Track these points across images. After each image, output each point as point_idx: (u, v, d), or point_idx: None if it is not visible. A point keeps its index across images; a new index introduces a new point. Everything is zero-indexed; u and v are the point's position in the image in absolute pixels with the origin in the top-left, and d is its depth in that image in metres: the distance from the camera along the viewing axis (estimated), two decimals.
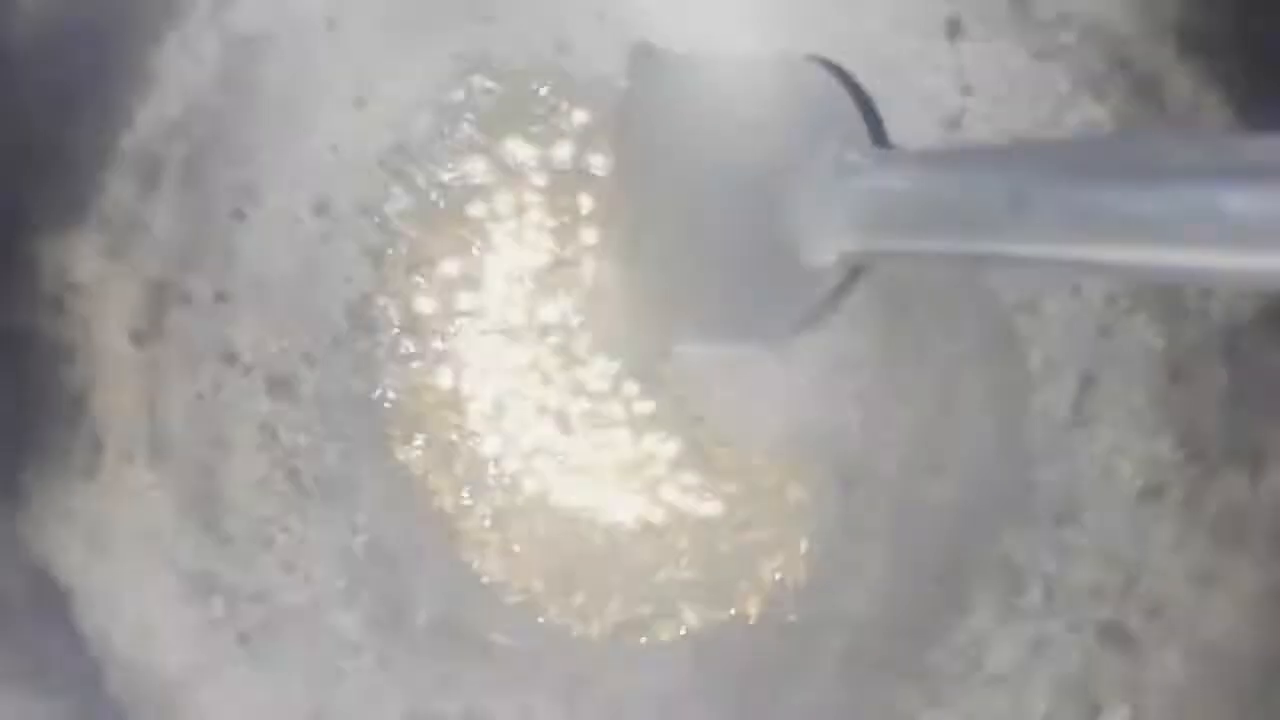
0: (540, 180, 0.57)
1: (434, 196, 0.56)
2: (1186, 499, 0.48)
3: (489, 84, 0.56)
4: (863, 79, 0.55)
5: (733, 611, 0.54)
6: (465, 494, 0.54)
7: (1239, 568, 0.46)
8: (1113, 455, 0.51)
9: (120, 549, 0.45)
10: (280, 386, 0.52)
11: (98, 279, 0.49)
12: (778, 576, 0.54)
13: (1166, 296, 0.51)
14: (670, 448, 0.55)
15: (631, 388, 0.56)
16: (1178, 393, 0.50)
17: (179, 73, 0.53)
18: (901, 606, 0.53)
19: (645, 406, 0.55)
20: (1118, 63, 0.54)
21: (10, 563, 0.41)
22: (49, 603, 0.42)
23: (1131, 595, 0.49)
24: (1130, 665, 0.49)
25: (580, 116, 0.56)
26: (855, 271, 0.46)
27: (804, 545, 0.54)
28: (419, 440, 0.54)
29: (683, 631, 0.54)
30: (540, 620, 0.53)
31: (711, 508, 0.54)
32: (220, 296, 0.53)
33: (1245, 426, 0.48)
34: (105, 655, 0.42)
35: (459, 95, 0.56)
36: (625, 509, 0.55)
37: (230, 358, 0.52)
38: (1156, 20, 0.53)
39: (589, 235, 0.56)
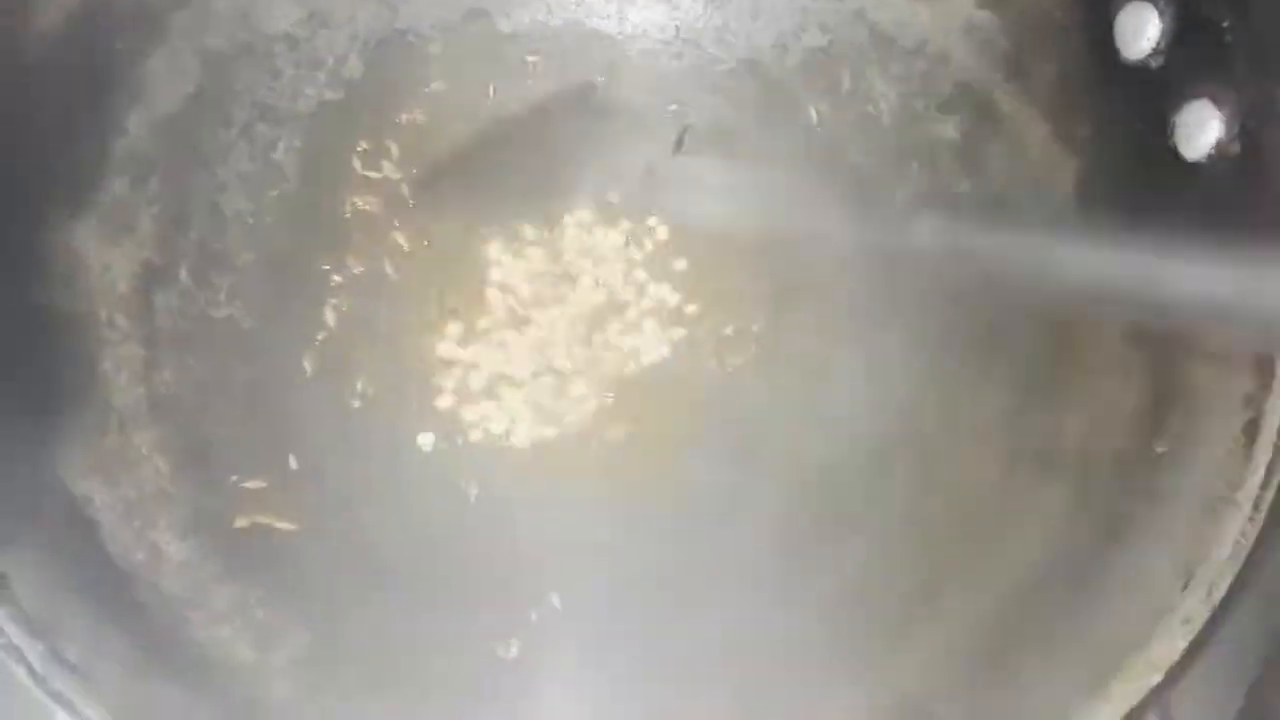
0: None
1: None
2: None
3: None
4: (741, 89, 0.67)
5: None
6: None
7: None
8: None
9: (132, 490, 0.53)
10: (261, 354, 0.60)
11: (99, 262, 0.57)
12: None
13: None
14: None
15: None
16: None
17: (164, 86, 0.60)
18: None
19: None
20: (961, 87, 0.66)
21: (52, 497, 0.49)
22: (84, 529, 0.49)
23: None
24: None
25: None
26: None
27: None
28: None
29: None
30: None
31: None
32: (200, 278, 0.61)
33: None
34: (129, 572, 0.49)
35: None
36: None
37: (213, 329, 0.60)
38: (990, 52, 0.65)
39: None
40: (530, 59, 0.69)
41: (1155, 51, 0.55)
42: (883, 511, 0.61)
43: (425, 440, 0.62)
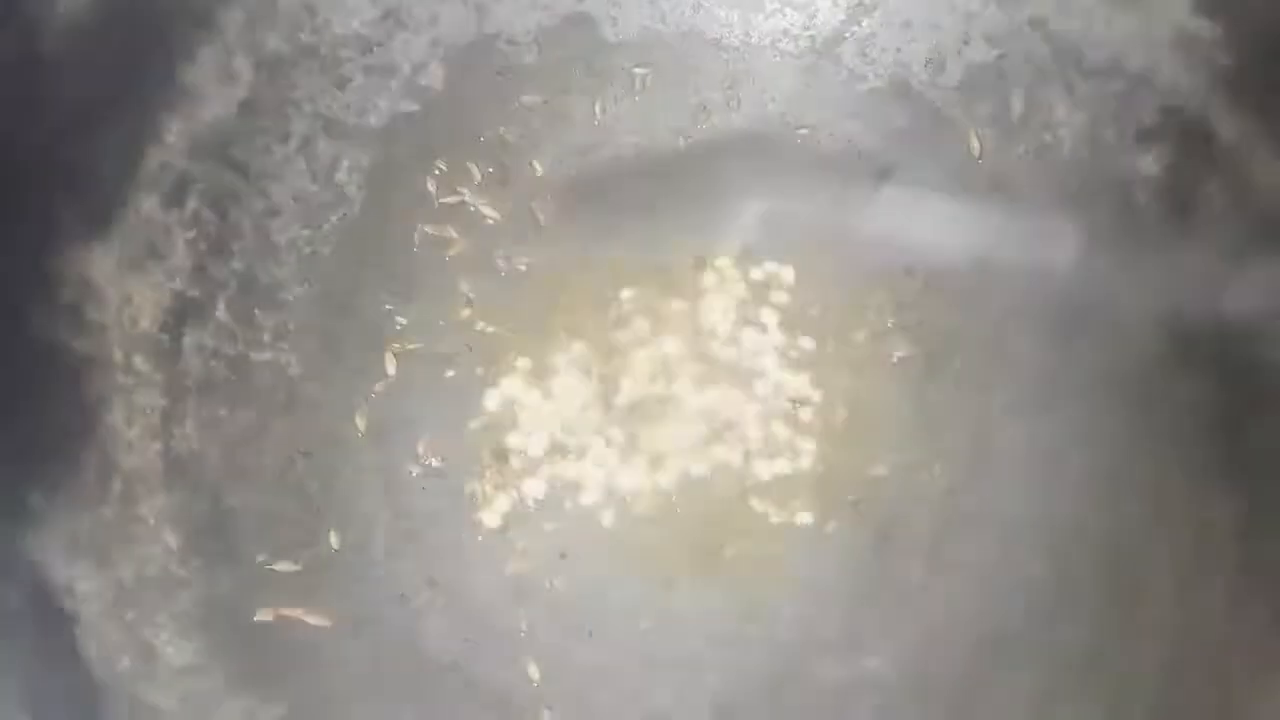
0: None
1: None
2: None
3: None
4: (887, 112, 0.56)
5: None
6: None
7: None
8: None
9: (128, 572, 0.44)
10: (307, 406, 0.51)
11: (118, 293, 0.48)
12: None
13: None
14: None
15: None
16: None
17: (210, 90, 0.52)
18: None
19: None
20: (1168, 112, 0.54)
21: (15, 585, 0.40)
22: (53, 626, 0.40)
23: None
24: None
25: None
26: None
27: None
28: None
29: None
30: None
31: None
32: (241, 315, 0.52)
33: None
34: (106, 683, 0.40)
35: None
36: None
37: (251, 375, 0.51)
38: (1207, 71, 0.52)
39: None
40: (638, 71, 0.60)
41: None
42: (1063, 641, 0.48)
43: (493, 517, 0.52)
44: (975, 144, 0.58)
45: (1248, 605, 0.45)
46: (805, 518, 0.53)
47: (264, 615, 0.47)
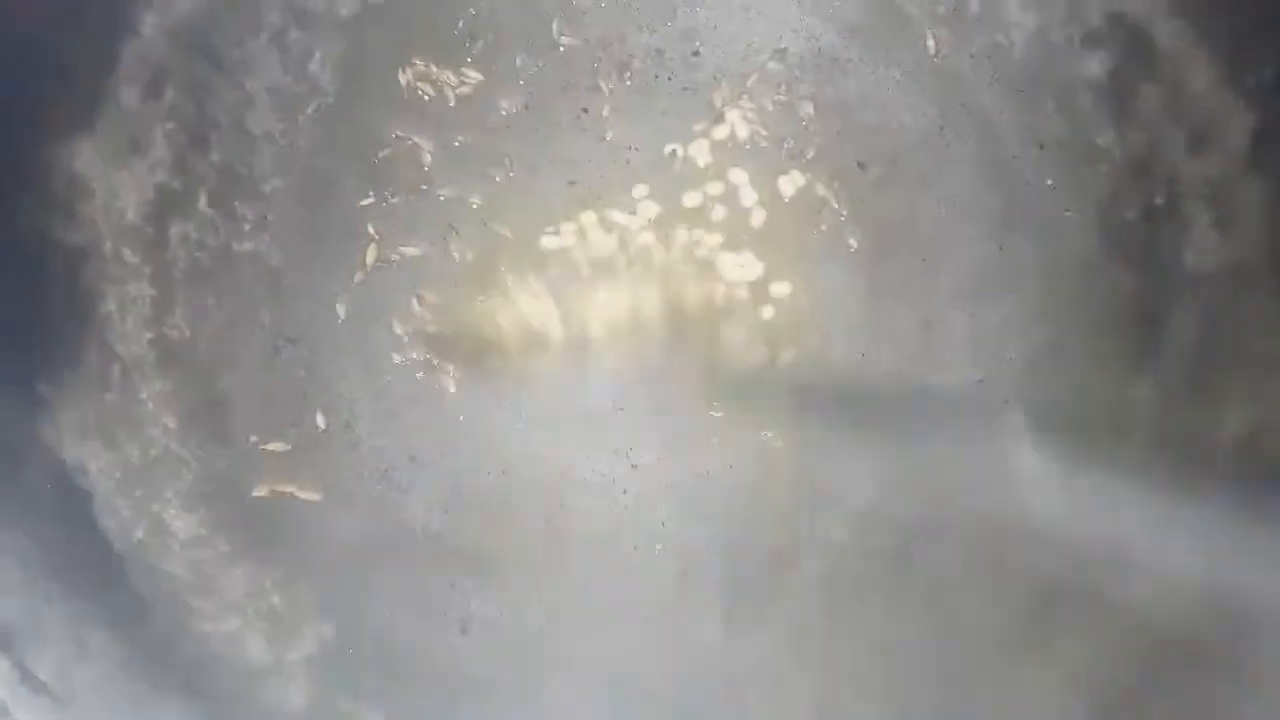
0: None
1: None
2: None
3: None
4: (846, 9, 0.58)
5: None
6: None
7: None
8: None
9: (134, 453, 0.47)
10: (289, 295, 0.53)
11: (105, 186, 0.49)
12: None
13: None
14: None
15: None
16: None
17: None
18: None
19: None
20: (1113, 18, 0.56)
21: (36, 467, 0.42)
22: (73, 503, 0.43)
23: None
24: None
25: None
26: None
27: None
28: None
29: None
30: None
31: None
32: (222, 207, 0.54)
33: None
34: (124, 554, 0.43)
35: None
36: None
37: (235, 266, 0.53)
38: None
39: None
40: None
41: None
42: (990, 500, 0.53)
43: (471, 397, 0.55)
44: (931, 43, 0.60)
45: (1152, 467, 0.51)
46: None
47: (260, 491, 0.50)
